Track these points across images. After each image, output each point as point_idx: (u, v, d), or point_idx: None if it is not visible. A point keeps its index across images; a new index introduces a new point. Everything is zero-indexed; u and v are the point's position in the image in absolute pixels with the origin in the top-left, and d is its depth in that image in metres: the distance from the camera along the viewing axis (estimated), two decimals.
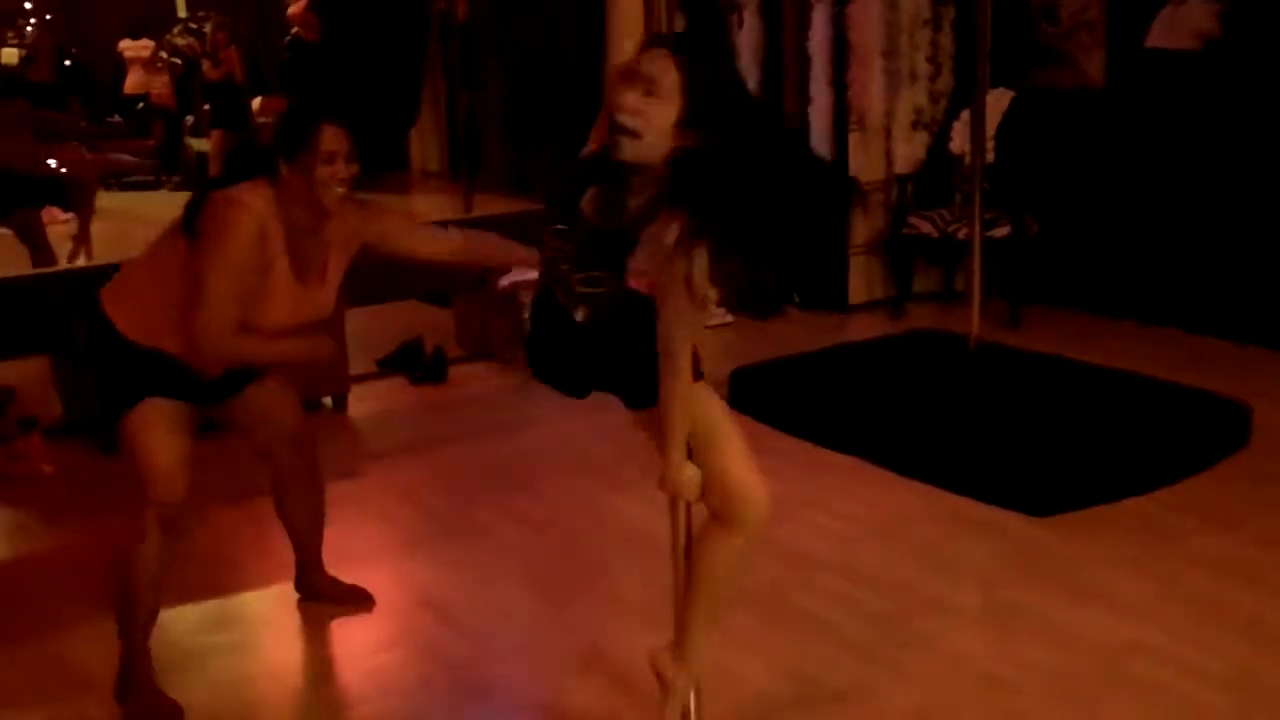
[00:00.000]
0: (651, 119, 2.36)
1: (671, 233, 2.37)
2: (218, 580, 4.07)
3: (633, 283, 2.49)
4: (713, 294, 2.52)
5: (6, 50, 10.80)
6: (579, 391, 2.73)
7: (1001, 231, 6.36)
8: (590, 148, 2.55)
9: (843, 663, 3.36)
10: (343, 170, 3.32)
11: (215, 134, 9.64)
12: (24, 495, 4.87)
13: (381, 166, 10.61)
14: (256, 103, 10.14)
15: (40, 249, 7.05)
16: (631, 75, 2.39)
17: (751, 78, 7.13)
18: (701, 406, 2.64)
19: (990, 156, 6.26)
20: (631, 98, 2.37)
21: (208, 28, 9.87)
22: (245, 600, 3.99)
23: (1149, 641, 3.41)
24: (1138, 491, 4.36)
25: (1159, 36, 6.22)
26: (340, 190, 3.33)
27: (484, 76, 10.24)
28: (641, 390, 2.60)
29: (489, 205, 7.92)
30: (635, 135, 2.37)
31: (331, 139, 3.31)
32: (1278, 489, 4.42)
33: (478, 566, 4.08)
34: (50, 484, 4.97)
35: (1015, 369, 5.38)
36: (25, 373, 5.56)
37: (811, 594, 3.76)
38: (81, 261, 7.17)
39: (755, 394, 5.32)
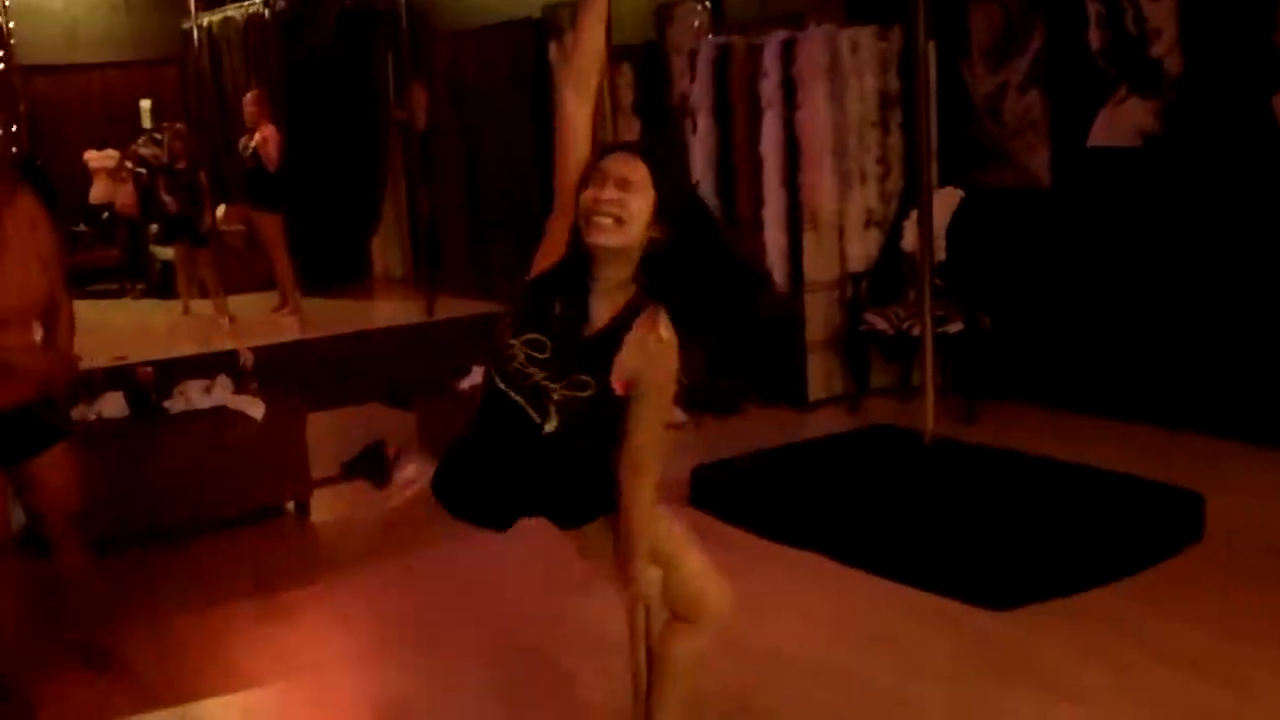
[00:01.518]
0: (629, 207, 2.47)
1: (665, 327, 2.44)
2: (182, 688, 4.04)
3: (615, 384, 2.53)
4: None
5: None
6: (503, 521, 2.74)
7: (954, 327, 6.48)
8: (543, 265, 2.61)
9: None
10: None
11: (178, 246, 9.70)
12: None
13: (345, 274, 10.74)
14: (220, 211, 10.23)
15: None
16: (601, 175, 2.49)
17: (706, 180, 7.30)
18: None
19: (941, 254, 6.41)
20: (609, 191, 2.46)
21: (171, 137, 9.96)
22: (209, 709, 3.94)
23: None
24: (1096, 583, 4.40)
25: (1101, 134, 6.41)
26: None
27: (445, 183, 10.40)
28: (582, 506, 2.64)
29: (452, 308, 8.02)
30: (619, 221, 2.46)
31: None
32: (1232, 579, 4.47)
33: (440, 674, 4.06)
34: (10, 592, 4.91)
35: (971, 463, 5.45)
36: None
37: (775, 694, 3.77)
38: None
39: (715, 491, 5.37)
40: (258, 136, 9.06)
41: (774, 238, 7.04)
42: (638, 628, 2.79)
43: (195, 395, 5.67)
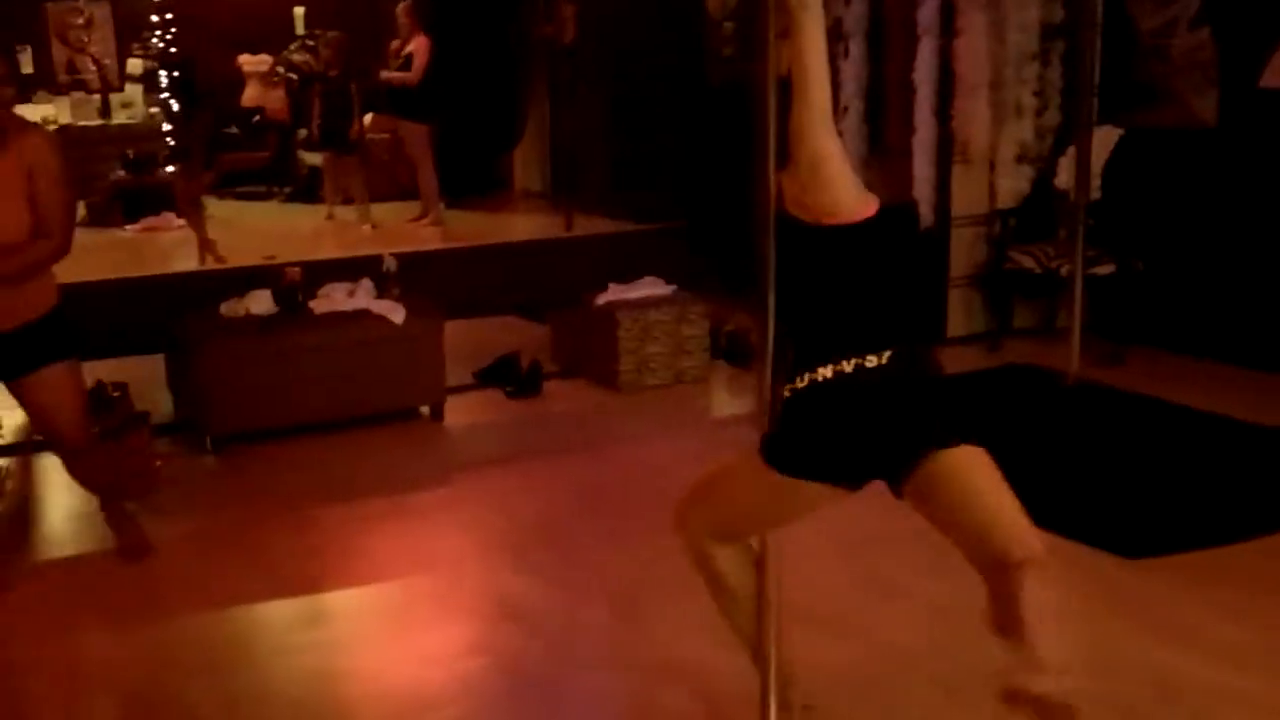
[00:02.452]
0: None
1: None
2: (314, 577, 4.17)
3: None
4: None
5: (132, 61, 11.16)
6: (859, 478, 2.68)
7: (1104, 269, 6.29)
8: None
9: (915, 695, 3.34)
10: None
11: (325, 153, 9.86)
12: (131, 489, 5.01)
13: (486, 187, 10.83)
14: (367, 119, 10.36)
15: None
16: None
17: (855, 107, 7.15)
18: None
19: (1095, 194, 6.20)
20: None
21: (323, 44, 10.08)
22: (339, 598, 4.07)
23: (1246, 689, 3.35)
24: (1235, 539, 4.26)
25: (1274, 76, 6.12)
26: None
27: (587, 99, 10.38)
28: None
29: (589, 226, 8.02)
30: None
31: None
32: None
33: (564, 579, 4.13)
34: (155, 479, 5.12)
35: (1112, 408, 5.33)
36: (142, 371, 5.75)
37: (891, 627, 3.73)
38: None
39: None
40: (409, 47, 9.14)
41: (922, 169, 6.87)
42: (767, 544, 2.77)
43: (339, 297, 5.79)
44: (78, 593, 4.14)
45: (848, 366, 2.59)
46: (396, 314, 5.68)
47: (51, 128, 9.59)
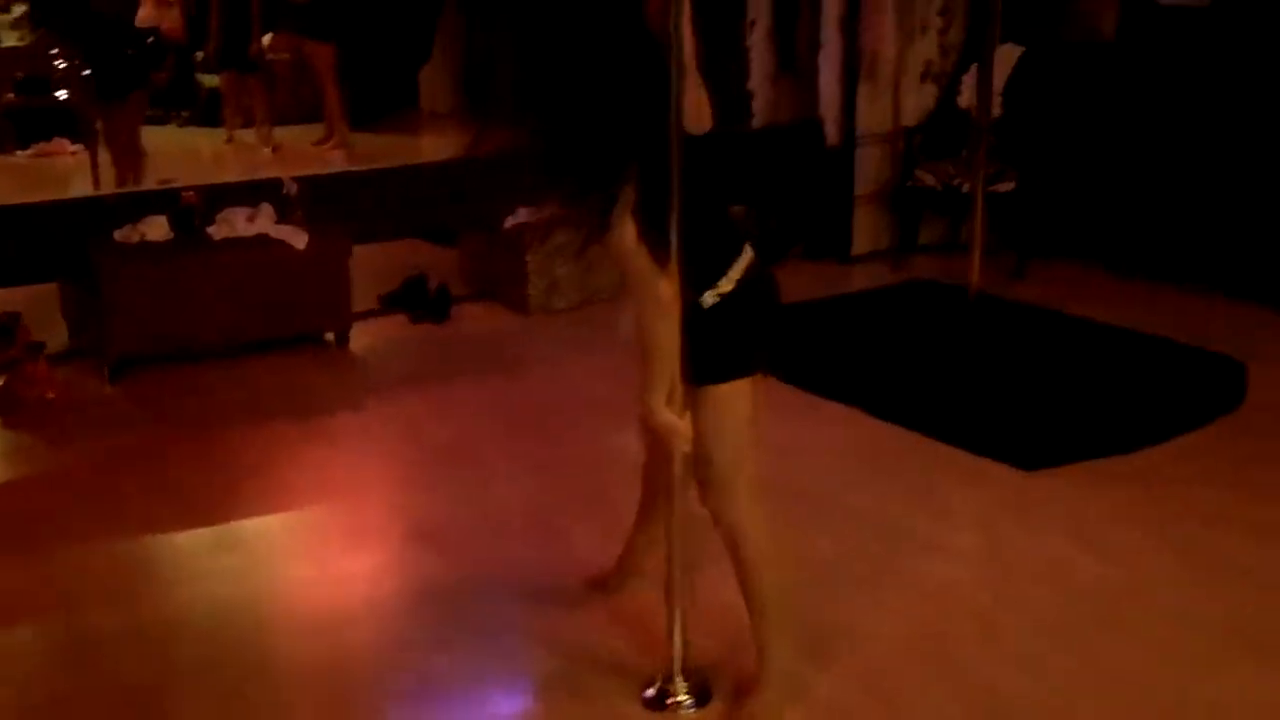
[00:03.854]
0: None
1: None
2: (221, 503, 4.13)
3: None
4: None
5: None
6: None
7: (1006, 185, 6.37)
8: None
9: (838, 596, 3.41)
10: None
11: (225, 74, 9.62)
12: (29, 419, 4.93)
13: (392, 108, 10.63)
14: (267, 39, 10.10)
15: None
16: None
17: (763, 22, 7.11)
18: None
19: (997, 110, 6.26)
20: None
21: None
22: (248, 524, 4.03)
23: (1143, 586, 3.47)
24: (1131, 448, 4.39)
25: None
26: None
27: (499, 17, 10.18)
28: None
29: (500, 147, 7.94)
30: None
31: None
32: (1273, 445, 4.46)
33: (476, 500, 4.13)
34: (54, 408, 5.02)
35: (1013, 321, 5.43)
36: (32, 299, 5.61)
37: (801, 531, 3.79)
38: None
39: None
40: None
41: (829, 86, 6.87)
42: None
43: (239, 222, 5.67)
44: None
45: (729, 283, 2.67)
46: (298, 239, 5.59)
47: None
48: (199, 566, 3.73)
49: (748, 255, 2.73)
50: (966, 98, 6.74)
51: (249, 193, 5.91)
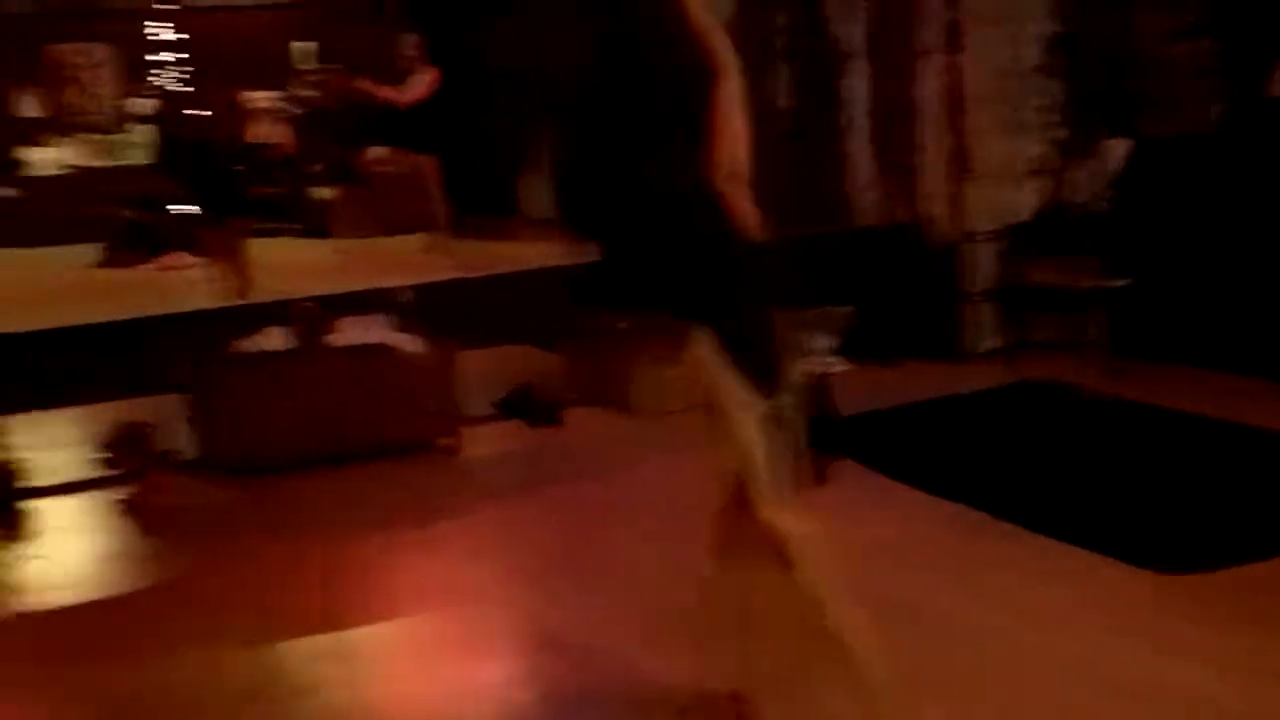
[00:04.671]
0: None
1: None
2: (337, 611, 4.15)
3: None
4: None
5: (135, 100, 11.24)
6: None
7: (1119, 282, 6.27)
8: None
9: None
10: None
11: (334, 186, 9.92)
12: (154, 526, 5.03)
13: (494, 210, 10.84)
14: (373, 152, 10.40)
15: None
16: None
17: (862, 128, 7.17)
18: None
19: (1108, 204, 6.21)
20: None
21: (327, 78, 10.16)
22: (363, 633, 4.04)
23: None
24: (1262, 555, 4.18)
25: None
26: None
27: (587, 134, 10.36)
28: None
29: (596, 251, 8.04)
30: None
31: None
32: None
33: (587, 605, 4.10)
34: (178, 516, 5.12)
35: (1132, 422, 5.30)
36: (160, 407, 5.75)
37: (909, 648, 3.70)
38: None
39: (864, 440, 5.32)
40: (413, 78, 9.17)
41: (933, 184, 6.87)
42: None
43: (355, 331, 5.79)
44: (99, 630, 4.13)
45: None
46: (412, 345, 5.69)
47: (63, 170, 9.67)
48: (315, 677, 3.74)
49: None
50: (1075, 192, 6.69)
51: (362, 302, 6.04)
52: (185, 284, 8.25)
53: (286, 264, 8.83)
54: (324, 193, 10.53)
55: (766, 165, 2.81)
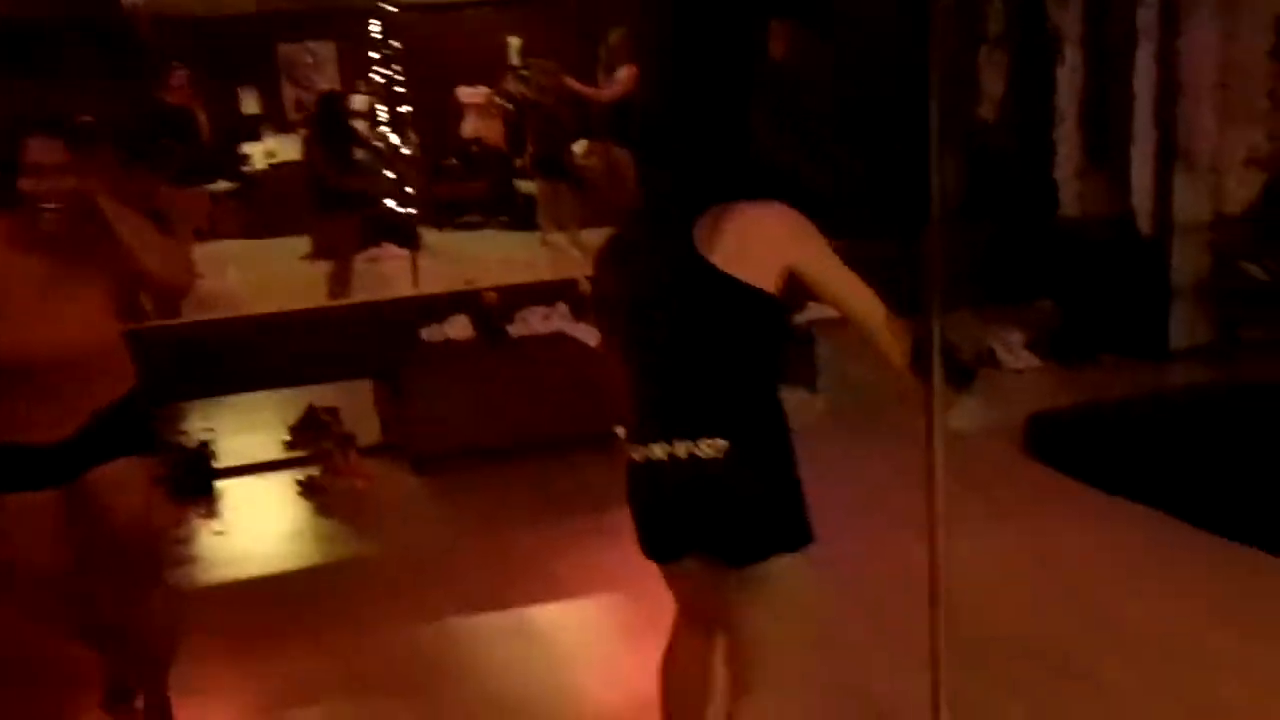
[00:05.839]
0: None
1: None
2: (518, 594, 4.21)
3: None
4: None
5: (355, 97, 11.64)
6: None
7: None
8: None
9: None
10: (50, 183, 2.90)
11: (540, 180, 10.05)
12: (338, 507, 5.21)
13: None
14: (579, 146, 10.50)
15: None
16: None
17: (1071, 115, 6.86)
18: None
19: None
20: None
21: (538, 74, 10.29)
22: (545, 613, 4.09)
23: None
24: None
25: None
26: (49, 205, 2.91)
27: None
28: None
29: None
30: None
31: (37, 150, 2.90)
32: None
33: None
34: (363, 498, 5.29)
35: None
36: (350, 394, 5.95)
37: (1096, 655, 3.52)
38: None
39: (1053, 441, 5.09)
40: (620, 74, 9.23)
41: (1142, 176, 6.53)
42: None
43: (535, 320, 5.87)
44: (281, 609, 4.29)
45: None
46: (592, 336, 5.72)
47: (274, 161, 10.13)
48: (497, 656, 3.79)
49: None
50: None
51: (547, 292, 6.11)
52: (389, 275, 8.52)
53: (487, 255, 9.03)
54: (530, 186, 10.70)
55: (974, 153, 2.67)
